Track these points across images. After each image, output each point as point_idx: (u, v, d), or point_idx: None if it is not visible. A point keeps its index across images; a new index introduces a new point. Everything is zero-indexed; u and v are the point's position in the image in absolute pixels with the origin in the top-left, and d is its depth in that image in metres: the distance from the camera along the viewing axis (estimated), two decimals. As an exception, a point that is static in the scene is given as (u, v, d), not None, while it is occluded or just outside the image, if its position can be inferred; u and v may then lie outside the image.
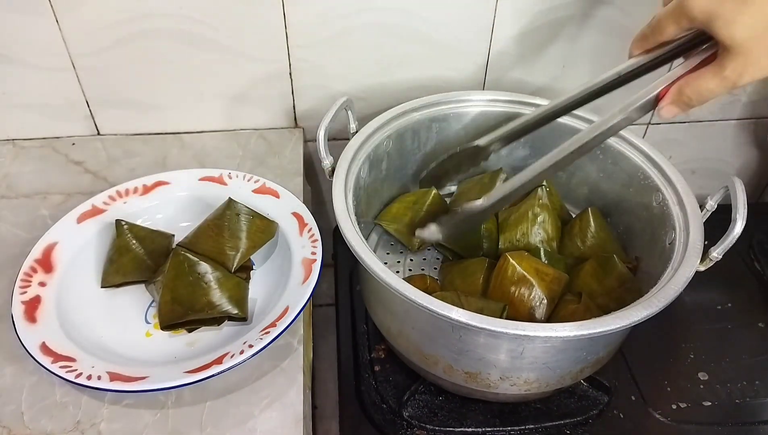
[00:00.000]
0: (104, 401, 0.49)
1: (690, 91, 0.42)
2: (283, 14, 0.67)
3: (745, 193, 0.50)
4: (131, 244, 0.59)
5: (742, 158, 0.91)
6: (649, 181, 0.60)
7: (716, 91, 0.41)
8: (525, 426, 0.58)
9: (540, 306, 0.56)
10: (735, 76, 0.39)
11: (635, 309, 0.46)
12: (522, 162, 0.72)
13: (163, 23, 0.67)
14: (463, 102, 0.68)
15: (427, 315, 0.46)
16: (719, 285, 0.73)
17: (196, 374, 0.47)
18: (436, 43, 0.71)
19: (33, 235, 0.61)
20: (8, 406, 0.49)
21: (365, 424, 0.59)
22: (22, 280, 0.54)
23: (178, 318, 0.54)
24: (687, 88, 0.42)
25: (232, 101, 0.75)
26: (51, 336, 0.51)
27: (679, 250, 0.52)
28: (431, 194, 0.67)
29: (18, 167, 0.72)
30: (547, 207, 0.64)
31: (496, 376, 0.52)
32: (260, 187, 0.65)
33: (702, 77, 0.41)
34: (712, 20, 0.38)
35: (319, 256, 0.57)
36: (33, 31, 0.66)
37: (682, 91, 0.43)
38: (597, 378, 0.61)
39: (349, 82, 0.74)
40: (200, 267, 0.55)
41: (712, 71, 0.40)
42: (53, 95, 0.72)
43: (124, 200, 0.63)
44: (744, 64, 0.38)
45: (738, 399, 0.61)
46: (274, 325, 0.51)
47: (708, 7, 0.38)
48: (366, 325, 0.67)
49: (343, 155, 0.59)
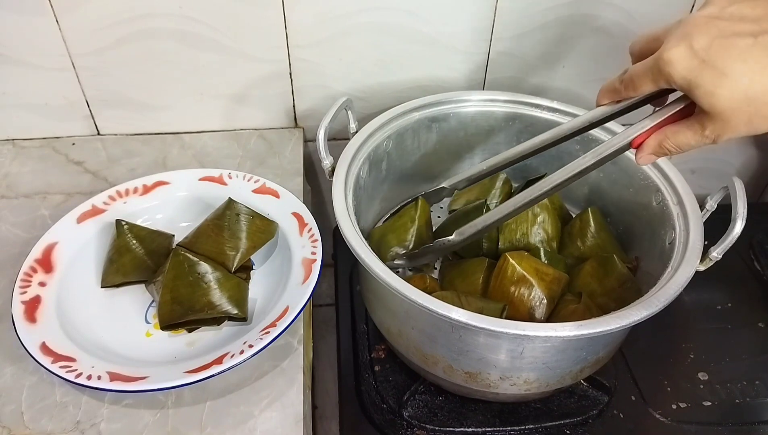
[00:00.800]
0: (104, 401, 0.49)
1: (670, 144, 0.44)
2: (283, 14, 0.67)
3: (745, 193, 0.50)
4: (131, 244, 0.59)
5: (742, 158, 0.91)
6: (649, 181, 0.60)
7: (695, 146, 0.43)
8: (525, 426, 0.58)
9: (540, 306, 0.56)
10: (714, 136, 0.41)
11: (635, 309, 0.46)
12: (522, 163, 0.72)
13: (163, 23, 0.67)
14: (463, 102, 0.68)
15: (427, 315, 0.46)
16: (719, 285, 0.73)
17: (196, 374, 0.47)
18: (436, 43, 0.71)
19: (33, 235, 0.61)
20: (8, 406, 0.49)
21: (365, 424, 0.59)
22: (22, 280, 0.54)
23: (178, 318, 0.54)
24: (667, 141, 0.44)
25: (232, 101, 0.75)
26: (51, 336, 0.51)
27: (679, 250, 0.52)
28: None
29: (18, 167, 0.72)
30: (547, 207, 0.64)
31: (496, 376, 0.52)
32: (260, 187, 0.65)
33: (682, 132, 0.43)
34: (693, 88, 0.39)
35: (319, 256, 0.57)
36: (33, 31, 0.66)
37: (661, 144, 0.45)
38: (597, 378, 0.61)
39: (349, 82, 0.74)
40: (200, 267, 0.55)
41: (692, 129, 0.42)
42: (53, 95, 0.72)
43: (124, 200, 0.63)
44: (723, 128, 0.40)
45: (738, 399, 0.61)
46: (274, 325, 0.51)
47: (688, 75, 0.39)
48: (366, 325, 0.67)
49: (343, 155, 0.59)
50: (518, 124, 0.69)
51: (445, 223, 0.68)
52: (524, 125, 0.69)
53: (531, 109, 0.68)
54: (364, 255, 0.49)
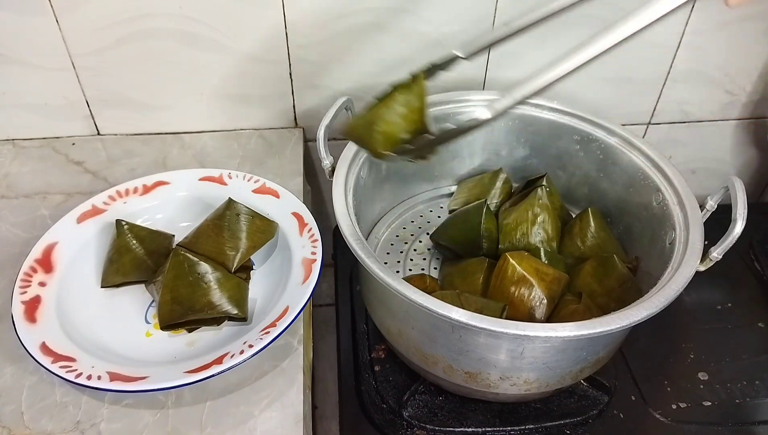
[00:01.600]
0: (104, 401, 0.49)
1: None
2: (283, 14, 0.67)
3: (745, 193, 0.50)
4: (131, 244, 0.59)
5: (742, 158, 0.91)
6: (649, 181, 0.60)
7: None
8: (525, 426, 0.58)
9: (540, 306, 0.56)
10: None
11: (635, 309, 0.46)
12: (522, 162, 0.72)
13: (163, 23, 0.67)
14: (463, 102, 0.68)
15: (427, 315, 0.46)
16: (719, 285, 0.73)
17: (196, 374, 0.47)
18: (435, 42, 0.71)
19: (33, 235, 0.61)
20: (8, 406, 0.49)
21: (365, 424, 0.59)
22: (22, 280, 0.54)
23: (177, 318, 0.54)
24: None
25: (232, 101, 0.75)
26: (51, 336, 0.51)
27: (679, 250, 0.52)
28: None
29: (18, 167, 0.72)
30: (547, 207, 0.64)
31: (496, 376, 0.52)
32: (260, 187, 0.65)
33: None
34: None
35: (319, 256, 0.57)
36: (33, 31, 0.66)
37: None
38: (597, 378, 0.61)
39: (349, 82, 0.74)
40: (200, 267, 0.55)
41: None
42: (53, 95, 0.72)
43: (124, 200, 0.63)
44: None
45: (738, 399, 0.61)
46: (274, 325, 0.51)
47: None
48: (366, 325, 0.67)
49: (343, 155, 0.59)
50: (518, 124, 0.69)
51: (446, 223, 0.68)
52: (524, 125, 0.69)
53: (531, 109, 0.68)
54: (364, 255, 0.49)
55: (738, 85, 0.81)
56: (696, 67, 0.78)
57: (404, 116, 0.50)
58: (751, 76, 0.80)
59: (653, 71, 0.78)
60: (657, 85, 0.80)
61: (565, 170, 0.70)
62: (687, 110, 0.83)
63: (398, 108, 0.50)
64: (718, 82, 0.80)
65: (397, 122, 0.49)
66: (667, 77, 0.79)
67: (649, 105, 0.82)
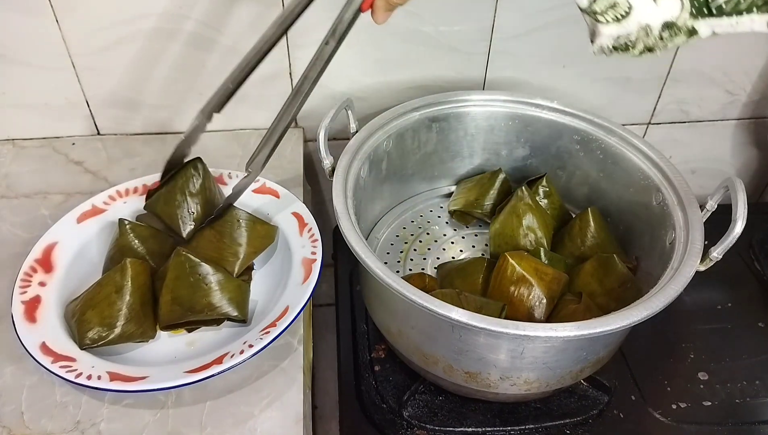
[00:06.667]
0: (104, 401, 0.49)
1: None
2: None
3: (745, 193, 0.50)
4: (133, 244, 0.59)
5: (742, 158, 0.91)
6: (649, 181, 0.60)
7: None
8: (525, 426, 0.58)
9: (539, 306, 0.56)
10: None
11: (635, 309, 0.46)
12: (522, 162, 0.72)
13: (163, 23, 0.67)
14: (463, 102, 0.68)
15: (426, 315, 0.46)
16: (719, 285, 0.73)
17: (196, 374, 0.47)
18: (436, 43, 0.71)
19: (33, 235, 0.61)
20: (8, 406, 0.49)
21: (365, 424, 0.59)
22: (22, 280, 0.54)
23: (177, 319, 0.54)
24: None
25: (232, 101, 0.75)
26: (51, 336, 0.51)
27: (679, 250, 0.52)
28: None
29: (18, 167, 0.72)
30: (531, 207, 0.64)
31: (496, 376, 0.52)
32: (260, 187, 0.65)
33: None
34: None
35: (319, 256, 0.57)
36: (33, 31, 0.66)
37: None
38: (597, 378, 0.61)
39: (349, 82, 0.74)
40: (202, 268, 0.55)
41: None
42: (53, 95, 0.72)
43: (124, 200, 0.63)
44: None
45: (738, 399, 0.61)
46: (274, 325, 0.51)
47: None
48: (366, 325, 0.67)
49: (343, 155, 0.59)
50: (518, 124, 0.69)
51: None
52: (524, 125, 0.69)
53: (531, 109, 0.68)
54: (364, 255, 0.49)
55: (738, 85, 0.81)
56: (696, 67, 0.78)
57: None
58: (751, 76, 0.80)
59: (653, 71, 0.78)
60: (657, 85, 0.80)
61: (565, 170, 0.70)
62: (687, 110, 0.83)
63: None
64: (718, 82, 0.80)
65: None
66: (667, 77, 0.79)
67: (649, 105, 0.82)
